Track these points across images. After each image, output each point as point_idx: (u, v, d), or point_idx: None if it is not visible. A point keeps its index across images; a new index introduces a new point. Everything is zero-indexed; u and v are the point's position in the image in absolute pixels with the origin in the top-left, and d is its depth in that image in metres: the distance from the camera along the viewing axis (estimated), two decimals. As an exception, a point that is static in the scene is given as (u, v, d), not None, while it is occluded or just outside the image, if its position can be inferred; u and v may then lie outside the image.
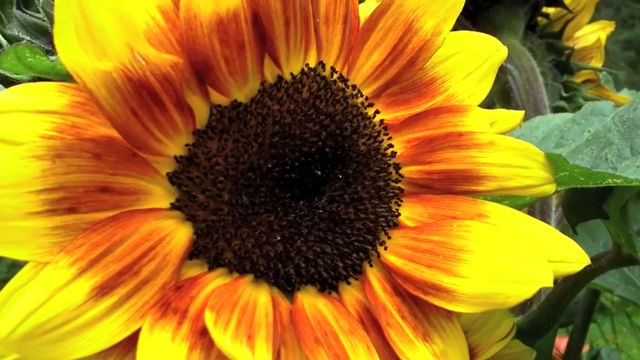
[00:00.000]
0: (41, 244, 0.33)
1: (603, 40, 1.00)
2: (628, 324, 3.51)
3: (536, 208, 0.83)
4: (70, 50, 0.32)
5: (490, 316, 0.55)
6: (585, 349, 1.22)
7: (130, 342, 0.34)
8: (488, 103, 0.92)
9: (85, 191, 0.34)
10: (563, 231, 0.94)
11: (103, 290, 0.33)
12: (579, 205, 0.56)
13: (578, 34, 1.02)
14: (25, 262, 0.35)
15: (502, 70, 0.90)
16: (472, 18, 0.93)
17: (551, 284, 0.36)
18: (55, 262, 0.33)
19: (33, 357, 0.33)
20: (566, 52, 0.97)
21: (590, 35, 1.02)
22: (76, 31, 0.31)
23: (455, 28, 0.94)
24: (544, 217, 0.84)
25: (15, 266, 0.42)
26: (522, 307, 0.87)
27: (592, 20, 1.06)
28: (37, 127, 0.34)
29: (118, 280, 0.34)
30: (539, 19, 1.00)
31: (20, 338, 0.31)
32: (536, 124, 0.62)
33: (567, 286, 0.74)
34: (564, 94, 0.94)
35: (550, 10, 1.00)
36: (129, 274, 0.34)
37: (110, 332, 0.33)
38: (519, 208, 0.52)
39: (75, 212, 0.34)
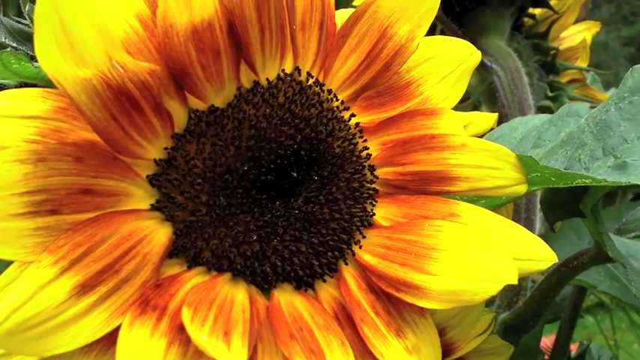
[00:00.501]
0: (24, 244, 0.34)
1: (589, 41, 1.02)
2: (627, 320, 3.52)
3: (521, 206, 0.85)
4: (50, 58, 0.33)
5: (469, 312, 0.56)
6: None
7: (111, 339, 0.35)
8: (474, 103, 0.94)
9: (66, 193, 0.35)
10: (548, 230, 0.96)
11: (84, 288, 0.34)
12: (556, 204, 0.58)
13: (563, 34, 1.04)
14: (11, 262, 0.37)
15: (488, 71, 0.92)
16: (459, 19, 0.94)
17: (515, 281, 0.37)
18: (38, 261, 0.34)
19: (18, 351, 0.34)
20: (552, 52, 0.98)
21: (576, 35, 1.04)
22: (56, 40, 0.33)
23: (442, 30, 0.95)
24: (529, 215, 0.85)
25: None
26: (509, 304, 0.88)
27: (593, 17, 1.07)
28: (21, 131, 0.35)
29: (99, 278, 0.35)
30: (526, 19, 1.01)
31: (5, 334, 0.32)
32: (515, 124, 0.64)
33: (551, 283, 0.75)
34: (550, 94, 0.95)
35: (536, 11, 1.02)
36: (109, 272, 0.35)
37: (91, 329, 0.34)
38: (496, 208, 0.53)
39: (57, 214, 0.35)
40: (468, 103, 0.92)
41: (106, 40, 0.33)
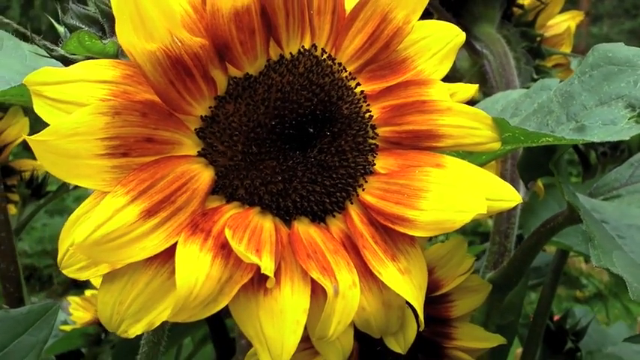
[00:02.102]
0: (104, 178, 0.43)
1: (573, 29, 1.10)
2: (620, 307, 3.61)
3: (506, 175, 0.93)
4: (126, 35, 0.42)
5: (453, 255, 0.66)
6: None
7: (167, 254, 0.44)
8: (467, 83, 1.03)
9: (135, 140, 0.44)
10: (531, 198, 1.05)
11: (148, 213, 0.43)
12: (529, 165, 0.67)
13: (550, 22, 1.12)
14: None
15: (479, 55, 1.01)
16: (453, 9, 1.02)
17: (484, 211, 0.46)
18: (114, 192, 0.43)
19: (100, 260, 0.43)
20: (538, 39, 1.07)
21: (561, 24, 1.12)
22: (132, 21, 0.42)
23: (438, 18, 1.05)
24: (514, 184, 0.94)
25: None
26: (495, 264, 0.97)
27: (596, 10, 1.16)
28: (97, 92, 0.44)
29: (160, 206, 0.44)
30: (515, 9, 1.09)
31: (91, 244, 0.41)
32: (497, 98, 0.73)
33: (531, 243, 0.84)
34: (535, 77, 1.04)
35: (525, 2, 1.10)
36: (167, 202, 0.44)
37: (154, 245, 0.43)
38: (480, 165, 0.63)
39: (127, 156, 0.44)
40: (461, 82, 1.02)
41: (170, 20, 0.43)
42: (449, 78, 0.59)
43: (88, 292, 1.38)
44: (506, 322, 0.99)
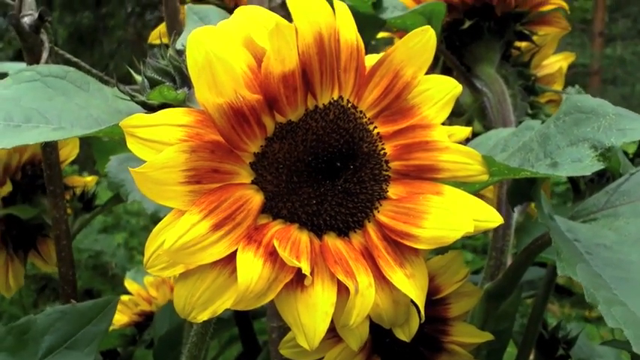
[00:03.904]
0: (183, 200, 0.55)
1: (564, 69, 1.24)
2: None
3: (502, 199, 1.06)
4: (202, 92, 0.55)
5: (450, 265, 0.79)
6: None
7: (228, 259, 0.56)
8: (468, 118, 1.17)
9: (205, 171, 0.54)
10: (525, 219, 1.17)
11: (216, 227, 0.54)
12: (516, 192, 0.80)
13: (544, 63, 1.25)
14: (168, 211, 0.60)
15: (480, 93, 1.14)
16: (458, 52, 1.15)
17: (472, 230, 0.60)
18: (190, 210, 0.54)
19: (178, 261, 0.55)
20: (533, 78, 1.21)
21: (554, 64, 1.26)
22: (207, 83, 0.55)
23: (444, 62, 1.18)
24: (508, 206, 1.06)
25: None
26: (491, 276, 1.08)
27: (610, 31, 1.28)
28: (177, 134, 0.54)
29: (224, 222, 0.54)
30: (513, 51, 1.22)
31: (174, 250, 0.53)
32: (490, 135, 0.86)
33: (522, 258, 0.94)
34: (530, 112, 1.17)
35: (521, 45, 1.23)
36: (229, 219, 0.55)
37: (219, 251, 0.55)
38: (474, 193, 0.76)
39: (200, 183, 0.54)
40: (463, 117, 1.14)
41: (234, 81, 0.55)
42: (452, 111, 0.72)
43: (124, 297, 1.51)
44: (501, 328, 1.12)
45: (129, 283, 1.56)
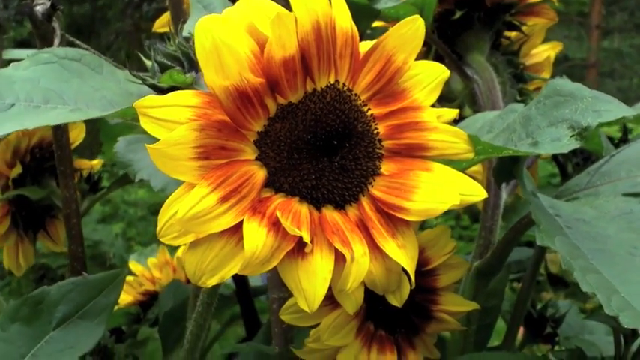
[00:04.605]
0: (193, 174, 0.59)
1: (552, 58, 1.29)
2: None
3: (491, 180, 1.11)
4: (210, 75, 0.60)
5: (439, 239, 0.84)
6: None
7: (235, 228, 0.60)
8: (460, 103, 1.22)
9: (213, 148, 0.58)
10: (514, 199, 1.23)
11: (223, 200, 0.57)
12: (500, 171, 0.85)
13: (532, 52, 1.30)
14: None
15: (470, 80, 1.19)
16: (450, 41, 1.20)
17: (458, 202, 0.65)
18: (200, 184, 0.57)
19: (189, 230, 0.59)
20: (521, 66, 1.26)
21: (542, 53, 1.31)
22: (214, 66, 0.59)
23: (436, 51, 1.23)
24: (496, 187, 1.12)
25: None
26: (481, 254, 1.13)
27: (607, 24, 1.32)
28: (187, 114, 0.57)
29: (230, 195, 0.58)
30: (502, 40, 1.26)
31: (186, 220, 0.57)
32: (478, 117, 0.91)
33: (509, 236, 0.98)
34: (518, 98, 1.22)
35: (511, 34, 1.28)
36: (235, 192, 0.58)
37: (227, 221, 0.59)
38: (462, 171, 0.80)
39: (208, 159, 0.58)
40: (454, 103, 1.19)
41: (240, 65, 0.60)
42: (444, 97, 0.77)
43: (129, 277, 1.57)
44: (490, 304, 1.17)
45: (133, 265, 1.61)
